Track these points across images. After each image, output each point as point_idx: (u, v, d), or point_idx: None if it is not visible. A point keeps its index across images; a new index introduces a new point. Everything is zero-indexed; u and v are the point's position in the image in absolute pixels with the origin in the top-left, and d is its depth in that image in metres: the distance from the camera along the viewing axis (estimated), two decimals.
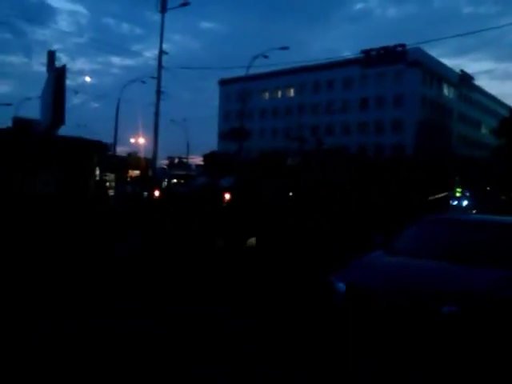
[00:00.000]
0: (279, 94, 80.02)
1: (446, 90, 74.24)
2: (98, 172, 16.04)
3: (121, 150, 47.58)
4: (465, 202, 28.88)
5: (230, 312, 6.48)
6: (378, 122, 66.96)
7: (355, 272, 5.89)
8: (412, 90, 64.56)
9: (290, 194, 16.05)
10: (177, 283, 7.80)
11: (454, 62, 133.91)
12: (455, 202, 28.31)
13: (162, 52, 28.96)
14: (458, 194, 31.53)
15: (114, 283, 7.71)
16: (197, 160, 65.85)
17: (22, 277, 7.29)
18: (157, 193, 20.35)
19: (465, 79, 76.13)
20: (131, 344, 5.17)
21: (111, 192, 24.65)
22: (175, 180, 41.05)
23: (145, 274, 8.31)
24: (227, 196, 13.96)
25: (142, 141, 47.30)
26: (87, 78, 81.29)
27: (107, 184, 25.17)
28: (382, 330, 5.07)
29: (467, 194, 31.86)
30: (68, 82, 20.78)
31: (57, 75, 12.96)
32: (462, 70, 76.28)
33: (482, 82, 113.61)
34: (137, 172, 35.80)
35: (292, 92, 78.62)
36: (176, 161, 61.90)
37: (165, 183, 37.78)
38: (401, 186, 17.77)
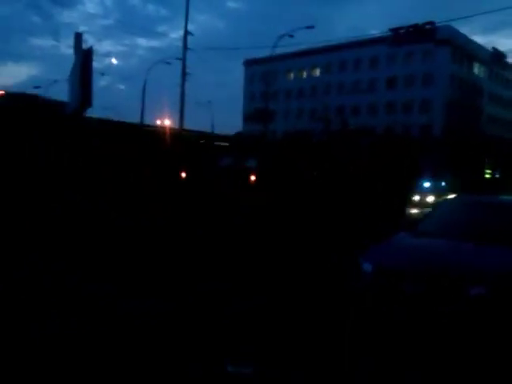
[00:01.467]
0: (304, 74, 79.10)
1: (476, 69, 72.22)
2: None
3: None
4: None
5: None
6: (405, 101, 65.71)
7: (382, 253, 5.90)
8: (441, 68, 63.01)
9: (315, 172, 15.84)
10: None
11: (485, 40, 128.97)
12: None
13: (186, 33, 28.98)
14: (487, 176, 30.64)
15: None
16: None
17: None
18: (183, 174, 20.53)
19: (497, 57, 73.82)
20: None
21: None
22: None
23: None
24: (253, 177, 14.06)
25: (167, 122, 47.52)
26: (113, 60, 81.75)
27: None
28: (409, 310, 5.07)
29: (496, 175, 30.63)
30: (94, 64, 21.01)
31: (84, 57, 13.16)
32: (493, 48, 74.01)
33: None
34: None
35: (318, 72, 77.61)
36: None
37: None
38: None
